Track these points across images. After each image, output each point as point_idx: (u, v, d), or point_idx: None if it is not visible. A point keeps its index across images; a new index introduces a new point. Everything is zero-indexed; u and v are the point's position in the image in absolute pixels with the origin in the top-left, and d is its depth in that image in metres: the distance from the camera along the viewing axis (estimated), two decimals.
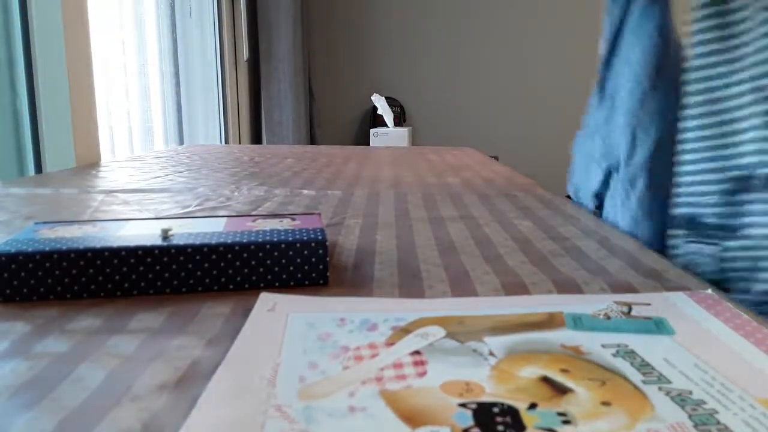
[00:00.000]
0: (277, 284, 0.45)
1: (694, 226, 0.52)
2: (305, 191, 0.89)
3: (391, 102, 3.08)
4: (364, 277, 0.48)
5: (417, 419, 0.26)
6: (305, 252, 0.45)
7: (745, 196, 0.47)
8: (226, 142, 2.68)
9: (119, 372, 0.32)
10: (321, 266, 0.45)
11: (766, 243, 0.47)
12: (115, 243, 0.43)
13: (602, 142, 0.61)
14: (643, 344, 0.33)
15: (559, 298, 0.42)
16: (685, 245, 0.52)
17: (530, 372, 0.30)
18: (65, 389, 0.30)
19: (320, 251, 0.45)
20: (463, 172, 1.15)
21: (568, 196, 0.67)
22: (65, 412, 0.28)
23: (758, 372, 0.30)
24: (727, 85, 0.50)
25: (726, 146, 0.49)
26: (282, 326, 0.36)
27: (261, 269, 0.44)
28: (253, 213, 0.73)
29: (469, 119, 3.34)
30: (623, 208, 0.59)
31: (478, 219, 0.70)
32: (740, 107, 0.50)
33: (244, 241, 0.44)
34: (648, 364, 0.31)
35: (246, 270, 0.44)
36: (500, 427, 0.25)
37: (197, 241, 0.44)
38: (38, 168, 1.28)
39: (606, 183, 0.63)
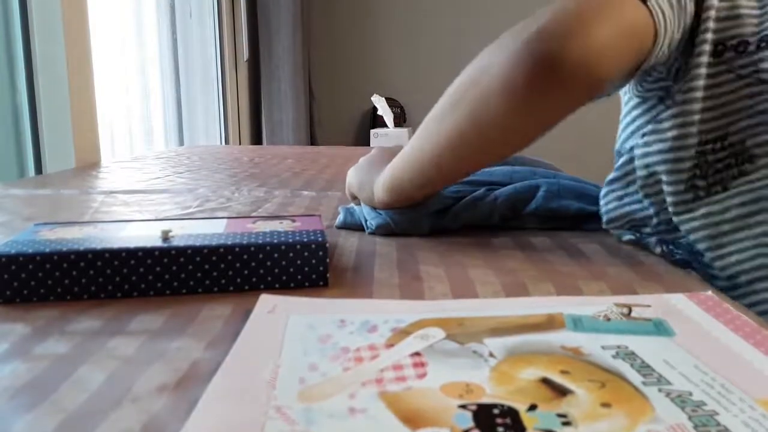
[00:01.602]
0: (277, 286, 0.45)
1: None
2: (305, 192, 0.89)
3: (391, 102, 3.07)
4: (364, 278, 0.48)
5: (417, 421, 0.26)
6: (305, 254, 0.45)
7: None
8: (227, 142, 2.67)
9: (119, 373, 0.32)
10: (321, 268, 0.45)
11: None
12: (116, 244, 0.43)
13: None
14: (643, 346, 0.33)
15: (559, 300, 0.42)
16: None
17: (530, 373, 0.30)
18: (65, 391, 0.30)
19: (320, 253, 0.45)
20: None
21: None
22: (65, 414, 0.28)
23: (758, 373, 0.30)
24: None
25: None
26: (282, 328, 0.36)
27: (261, 271, 0.44)
28: (254, 214, 0.73)
29: None
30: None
31: None
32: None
33: (245, 242, 0.44)
34: (648, 366, 0.31)
35: (246, 271, 0.44)
36: (500, 429, 0.25)
37: (197, 243, 0.44)
38: (38, 169, 1.28)
39: None
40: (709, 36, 0.51)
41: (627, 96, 0.61)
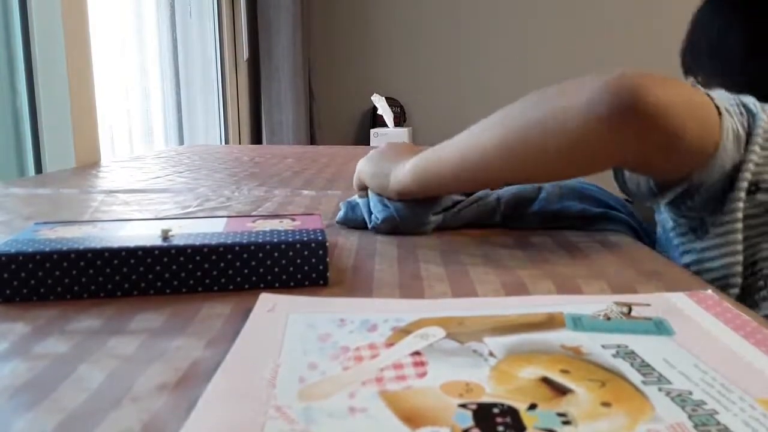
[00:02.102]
0: (277, 285, 0.45)
1: None
2: (305, 191, 0.89)
3: (391, 102, 3.07)
4: (364, 277, 0.48)
5: (417, 420, 0.26)
6: (305, 252, 0.45)
7: None
8: (226, 142, 2.67)
9: (119, 373, 0.32)
10: (321, 267, 0.45)
11: None
12: (116, 243, 0.43)
13: None
14: (643, 345, 0.33)
15: (559, 299, 0.42)
16: None
17: (530, 372, 0.30)
18: (65, 390, 0.30)
19: (320, 252, 0.45)
20: None
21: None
22: (65, 413, 0.28)
23: (758, 372, 0.30)
24: None
25: None
26: (282, 327, 0.36)
27: (261, 270, 0.44)
28: (254, 213, 0.73)
29: (469, 119, 3.33)
30: None
31: None
32: None
33: (244, 241, 0.44)
34: (648, 365, 0.31)
35: (246, 270, 0.44)
36: (500, 428, 0.25)
37: (197, 242, 0.44)
38: (38, 168, 1.28)
39: None
40: (749, 176, 0.55)
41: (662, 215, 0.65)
